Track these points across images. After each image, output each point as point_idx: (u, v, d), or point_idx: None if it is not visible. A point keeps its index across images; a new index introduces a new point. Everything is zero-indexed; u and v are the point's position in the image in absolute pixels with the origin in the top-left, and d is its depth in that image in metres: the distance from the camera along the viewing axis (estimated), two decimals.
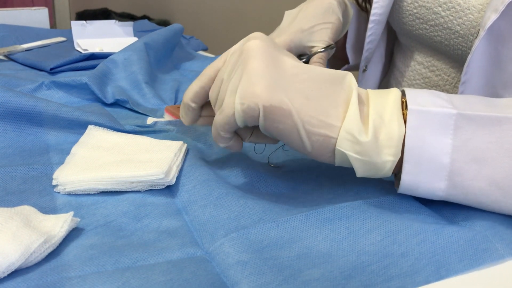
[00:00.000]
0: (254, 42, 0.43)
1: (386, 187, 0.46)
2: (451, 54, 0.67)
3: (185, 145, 0.53)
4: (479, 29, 0.58)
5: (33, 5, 3.59)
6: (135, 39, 1.04)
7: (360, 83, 0.83)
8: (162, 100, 0.71)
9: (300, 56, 0.71)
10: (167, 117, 0.65)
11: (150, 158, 0.47)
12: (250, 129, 0.46)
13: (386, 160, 0.39)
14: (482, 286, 0.34)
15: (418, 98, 0.40)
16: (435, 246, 0.38)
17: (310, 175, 0.50)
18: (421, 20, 0.69)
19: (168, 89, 0.76)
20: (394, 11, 0.73)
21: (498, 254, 0.37)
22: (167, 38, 0.89)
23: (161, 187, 0.46)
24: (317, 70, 0.43)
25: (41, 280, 0.33)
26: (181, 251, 0.38)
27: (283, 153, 0.53)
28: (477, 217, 0.42)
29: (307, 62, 0.69)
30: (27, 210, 0.38)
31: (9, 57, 0.94)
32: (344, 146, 0.40)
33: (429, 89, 0.73)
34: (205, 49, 1.16)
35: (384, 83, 0.86)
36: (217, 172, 0.49)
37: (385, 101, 0.41)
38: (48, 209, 0.42)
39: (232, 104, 0.41)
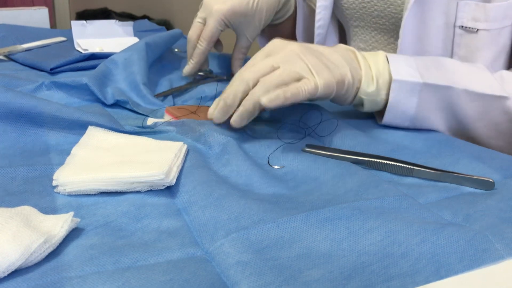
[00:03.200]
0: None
1: (386, 187, 0.46)
2: (387, 26, 0.77)
3: (185, 145, 0.53)
4: None
5: (33, 5, 3.59)
6: (135, 39, 1.04)
7: None
8: (162, 101, 0.71)
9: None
10: (167, 118, 0.65)
11: (150, 159, 0.47)
12: None
13: (382, 98, 0.60)
14: (482, 286, 0.34)
15: (398, 68, 0.59)
16: (435, 246, 0.38)
17: (310, 175, 0.50)
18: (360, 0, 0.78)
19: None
20: None
21: (498, 254, 0.37)
22: (167, 42, 0.90)
23: (161, 188, 0.46)
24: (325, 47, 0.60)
25: (41, 280, 0.33)
26: (181, 251, 0.38)
27: (283, 153, 0.53)
28: (477, 217, 0.42)
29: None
30: (27, 210, 0.38)
31: (9, 57, 0.94)
32: (363, 92, 0.59)
33: None
34: None
35: None
36: (217, 172, 0.49)
37: (377, 59, 0.60)
38: (49, 209, 0.42)
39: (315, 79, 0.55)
